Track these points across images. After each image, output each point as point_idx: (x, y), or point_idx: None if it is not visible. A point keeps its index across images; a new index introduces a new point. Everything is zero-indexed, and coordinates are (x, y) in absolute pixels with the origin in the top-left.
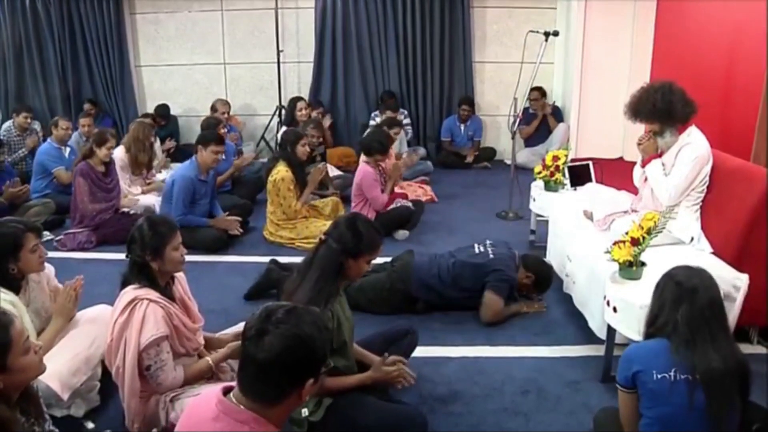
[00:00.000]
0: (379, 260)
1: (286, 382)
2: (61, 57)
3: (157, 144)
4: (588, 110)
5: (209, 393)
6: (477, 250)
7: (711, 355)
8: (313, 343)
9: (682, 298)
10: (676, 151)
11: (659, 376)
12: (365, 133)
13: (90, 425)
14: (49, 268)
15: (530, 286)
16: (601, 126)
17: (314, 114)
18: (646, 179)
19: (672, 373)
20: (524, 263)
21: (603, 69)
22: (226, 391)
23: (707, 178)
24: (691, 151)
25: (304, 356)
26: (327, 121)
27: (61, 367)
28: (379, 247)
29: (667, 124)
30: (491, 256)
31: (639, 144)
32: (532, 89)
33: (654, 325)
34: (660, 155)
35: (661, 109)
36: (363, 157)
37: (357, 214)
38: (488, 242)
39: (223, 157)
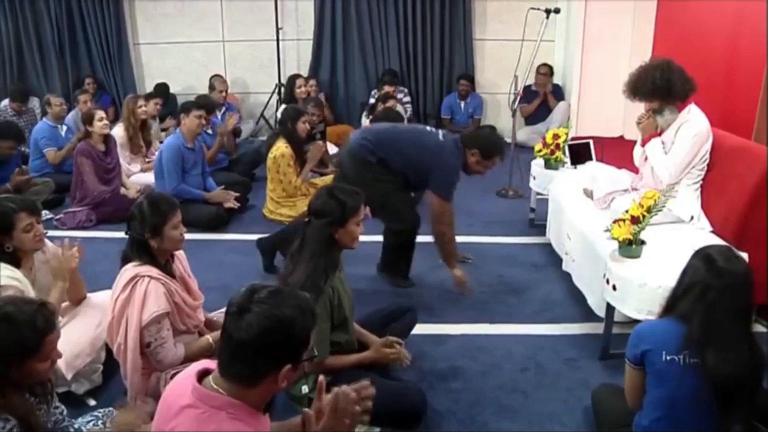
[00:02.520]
0: None
1: (261, 364)
2: (58, 34)
3: (156, 123)
4: (589, 88)
5: (184, 378)
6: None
7: (724, 356)
8: (292, 326)
9: (711, 289)
10: (676, 128)
11: (668, 358)
12: (375, 113)
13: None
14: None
15: (482, 161)
16: (601, 104)
17: (309, 88)
18: (646, 158)
19: (682, 356)
20: (464, 143)
21: (604, 47)
22: (202, 375)
23: (707, 156)
24: (691, 128)
25: (281, 339)
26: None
27: (65, 348)
28: (362, 206)
29: (666, 102)
30: (441, 138)
31: (638, 123)
32: (542, 65)
33: (673, 308)
34: (660, 134)
35: (660, 86)
36: None
37: (331, 185)
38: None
39: (209, 131)
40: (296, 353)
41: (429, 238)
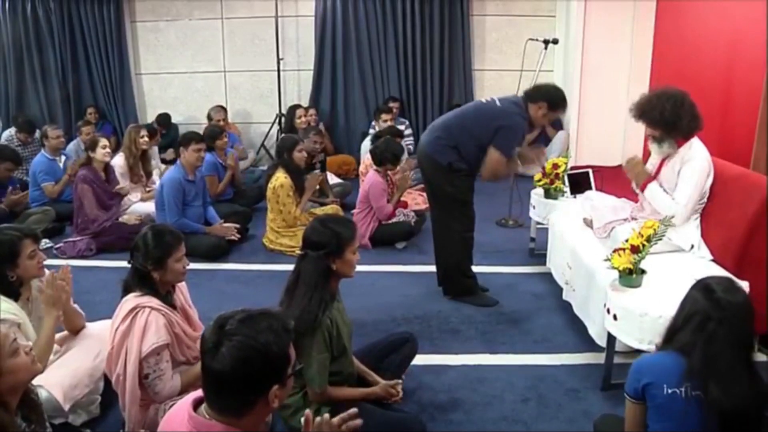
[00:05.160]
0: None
1: (247, 393)
2: (61, 64)
3: (155, 151)
4: (587, 118)
5: (181, 408)
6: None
7: (727, 388)
8: (269, 350)
9: (710, 321)
10: (678, 167)
11: (670, 391)
12: (377, 143)
13: None
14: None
15: (548, 113)
16: (600, 133)
17: (309, 118)
18: (653, 179)
19: (684, 389)
20: (529, 98)
21: (602, 76)
22: (197, 404)
23: (708, 189)
24: (695, 166)
25: (260, 366)
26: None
27: (62, 379)
28: (356, 232)
29: (669, 135)
30: (498, 104)
31: (627, 170)
32: None
33: (672, 340)
34: (654, 176)
35: (667, 119)
36: (373, 165)
37: (320, 217)
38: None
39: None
40: (280, 373)
41: (429, 268)
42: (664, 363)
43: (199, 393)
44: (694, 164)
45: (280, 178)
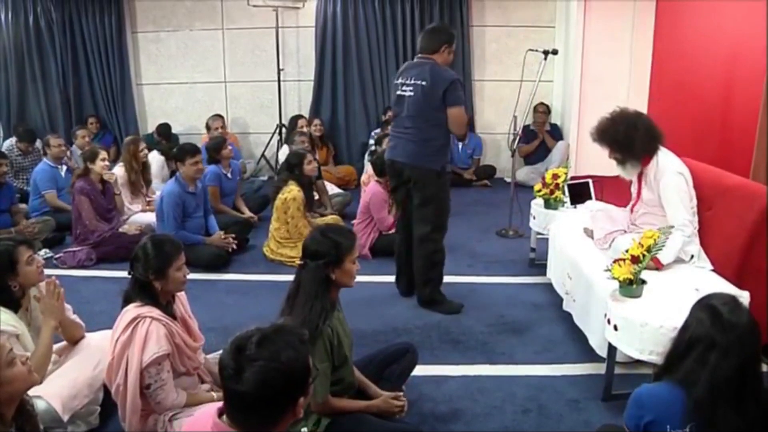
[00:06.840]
0: None
1: (274, 412)
2: (63, 74)
3: (153, 155)
4: (587, 128)
5: (204, 415)
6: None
7: (732, 421)
8: (292, 368)
9: (714, 348)
10: (654, 185)
11: None
12: (377, 153)
13: None
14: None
15: (453, 50)
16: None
17: (314, 128)
18: (636, 202)
19: (688, 429)
20: (431, 52)
21: (602, 86)
22: (221, 413)
23: (693, 191)
24: (669, 183)
25: (287, 384)
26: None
27: (61, 389)
28: (356, 242)
29: (628, 157)
30: (424, 83)
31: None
32: (539, 104)
33: (674, 368)
34: (636, 201)
35: (620, 142)
36: (374, 177)
37: (320, 227)
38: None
39: (229, 175)
40: (304, 386)
41: None
42: (666, 399)
43: (222, 404)
44: (667, 181)
45: (293, 191)
